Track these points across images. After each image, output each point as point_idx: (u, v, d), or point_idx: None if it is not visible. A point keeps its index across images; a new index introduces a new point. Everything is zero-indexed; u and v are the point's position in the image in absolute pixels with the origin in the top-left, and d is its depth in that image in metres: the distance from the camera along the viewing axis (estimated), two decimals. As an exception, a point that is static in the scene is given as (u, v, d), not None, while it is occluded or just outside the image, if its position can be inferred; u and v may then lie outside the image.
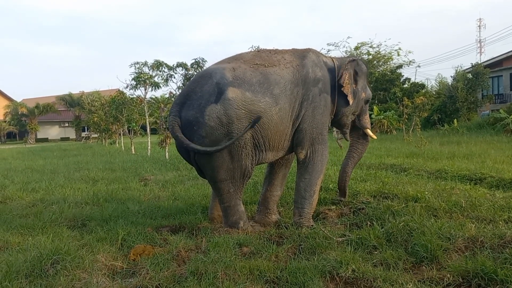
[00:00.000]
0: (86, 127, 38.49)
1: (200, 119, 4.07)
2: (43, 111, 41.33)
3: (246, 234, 4.12)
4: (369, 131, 5.19)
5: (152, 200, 6.29)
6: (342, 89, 4.61)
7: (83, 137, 37.59)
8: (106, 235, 4.29)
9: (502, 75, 27.06)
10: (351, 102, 4.69)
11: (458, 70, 24.97)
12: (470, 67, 24.52)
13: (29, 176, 9.83)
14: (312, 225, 4.37)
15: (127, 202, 6.06)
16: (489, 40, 65.63)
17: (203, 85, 4.20)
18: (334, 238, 3.84)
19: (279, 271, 3.27)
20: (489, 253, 3.29)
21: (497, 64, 27.53)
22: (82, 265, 3.41)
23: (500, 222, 4.05)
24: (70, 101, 42.55)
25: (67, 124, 46.65)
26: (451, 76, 25.76)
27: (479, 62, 26.60)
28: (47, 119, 44.40)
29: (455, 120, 20.56)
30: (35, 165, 12.83)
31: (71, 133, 45.80)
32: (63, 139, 44.83)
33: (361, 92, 4.87)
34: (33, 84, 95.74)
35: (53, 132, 47.17)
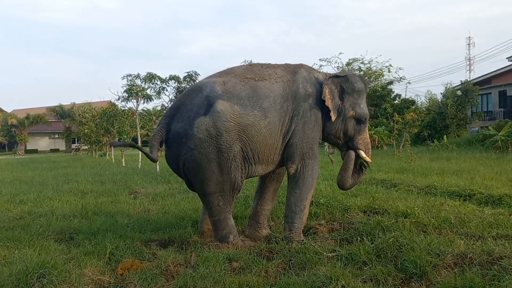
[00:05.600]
0: (76, 139, 38.23)
1: (189, 131, 4.08)
2: (33, 122, 41.00)
3: (236, 249, 4.09)
4: (361, 152, 4.75)
5: (141, 214, 6.23)
6: (326, 103, 4.51)
7: (73, 148, 37.31)
8: (94, 249, 4.24)
9: (491, 93, 27.51)
10: (333, 118, 4.52)
11: (448, 87, 25.30)
12: (460, 84, 24.87)
13: (17, 187, 9.71)
14: (303, 240, 4.36)
15: (116, 216, 5.99)
16: (478, 58, 67.00)
17: (193, 98, 4.23)
18: (324, 254, 3.83)
19: (269, 286, 3.25)
20: (478, 269, 3.30)
21: (486, 82, 28.01)
22: (68, 279, 3.36)
23: (489, 239, 4.07)
24: (61, 113, 42.27)
25: (57, 136, 46.25)
26: (441, 93, 26.07)
27: (469, 80, 27.08)
28: (37, 130, 44.01)
29: (444, 136, 20.75)
30: (23, 176, 12.69)
31: (61, 144, 45.40)
32: (53, 150, 44.43)
33: (348, 109, 4.66)
34: (23, 95, 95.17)
35: (43, 143, 46.74)
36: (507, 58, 27.13)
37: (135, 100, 15.27)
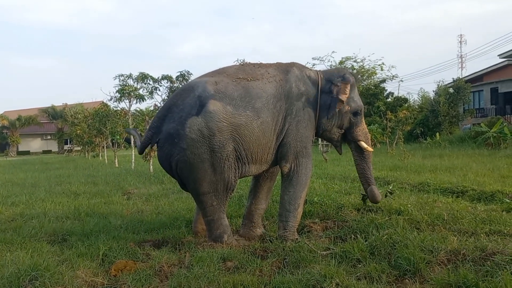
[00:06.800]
0: (68, 140, 38.01)
1: (181, 131, 4.06)
2: (25, 123, 40.73)
3: (230, 248, 4.08)
4: (362, 143, 4.93)
5: (135, 214, 6.20)
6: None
7: (66, 150, 37.09)
8: (87, 250, 4.21)
9: (483, 90, 27.70)
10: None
11: (440, 84, 25.47)
12: (452, 82, 25.02)
13: (9, 189, 9.63)
14: (297, 239, 4.36)
15: (109, 217, 5.96)
16: (470, 56, 67.35)
17: (185, 98, 4.21)
18: (319, 252, 3.83)
19: (264, 285, 3.24)
20: (471, 266, 3.32)
21: (478, 79, 28.21)
22: (61, 281, 3.34)
23: (482, 235, 4.09)
24: (53, 114, 42.04)
25: (49, 137, 45.93)
26: (433, 91, 26.26)
27: (460, 77, 27.20)
28: (29, 131, 43.68)
29: (437, 134, 20.87)
30: (15, 178, 12.59)
31: (53, 145, 45.09)
32: (45, 151, 44.10)
33: (344, 104, 4.70)
34: (15, 97, 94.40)
35: (35, 144, 46.39)
36: (498, 55, 27.31)
37: (127, 100, 15.23)
